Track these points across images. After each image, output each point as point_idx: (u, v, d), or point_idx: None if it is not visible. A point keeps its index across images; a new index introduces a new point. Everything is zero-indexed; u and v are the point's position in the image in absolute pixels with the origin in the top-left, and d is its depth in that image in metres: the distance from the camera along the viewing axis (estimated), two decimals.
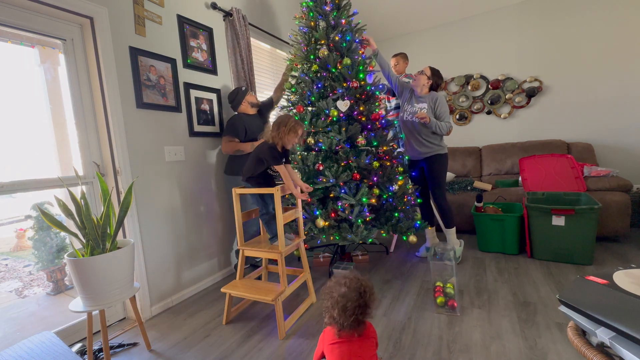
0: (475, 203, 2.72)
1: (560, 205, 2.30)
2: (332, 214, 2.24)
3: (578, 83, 3.44)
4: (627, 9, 3.16)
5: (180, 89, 2.24)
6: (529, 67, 3.66)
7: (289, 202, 2.40)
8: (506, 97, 3.79)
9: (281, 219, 1.76)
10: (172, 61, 2.18)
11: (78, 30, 1.79)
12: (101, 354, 1.59)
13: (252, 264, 2.58)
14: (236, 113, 2.47)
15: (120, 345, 1.68)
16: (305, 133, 2.04)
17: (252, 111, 2.49)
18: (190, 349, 1.64)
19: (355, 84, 2.34)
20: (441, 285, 1.89)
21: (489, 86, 3.88)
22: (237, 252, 2.50)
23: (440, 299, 1.81)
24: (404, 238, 2.32)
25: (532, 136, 3.70)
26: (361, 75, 2.38)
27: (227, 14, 2.58)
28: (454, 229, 2.53)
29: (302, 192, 1.89)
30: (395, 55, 3.25)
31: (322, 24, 2.44)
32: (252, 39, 2.90)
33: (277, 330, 1.71)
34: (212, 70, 2.51)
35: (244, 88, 2.45)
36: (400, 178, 2.40)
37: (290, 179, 1.83)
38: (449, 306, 1.79)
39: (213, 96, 2.51)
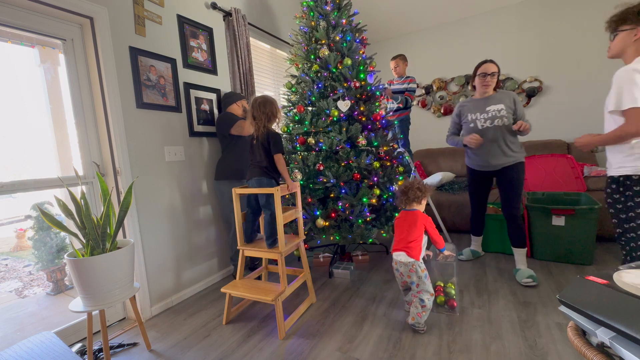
0: None
1: (560, 205, 2.30)
2: (333, 214, 2.24)
3: (578, 83, 3.44)
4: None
5: (180, 89, 2.24)
6: (529, 67, 3.66)
7: (288, 202, 2.40)
8: None
9: (281, 219, 1.76)
10: (172, 61, 2.18)
11: (78, 30, 1.79)
12: (101, 354, 1.59)
13: (250, 267, 2.57)
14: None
15: (120, 345, 1.68)
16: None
17: (240, 114, 2.43)
18: (190, 349, 1.64)
19: (355, 84, 2.34)
20: (442, 285, 1.89)
21: None
22: (232, 259, 2.49)
23: (440, 299, 1.81)
24: None
25: (532, 136, 3.70)
26: (362, 76, 2.38)
27: (227, 14, 2.58)
28: (525, 250, 2.16)
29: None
30: (394, 58, 3.25)
31: (322, 23, 2.44)
32: (252, 39, 2.90)
33: (277, 330, 1.71)
34: (212, 70, 2.51)
35: (242, 94, 2.50)
36: (400, 178, 2.40)
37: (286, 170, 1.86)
38: (449, 306, 1.78)
39: (213, 96, 2.50)
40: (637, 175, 1.36)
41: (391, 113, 3.23)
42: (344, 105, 2.29)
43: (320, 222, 2.18)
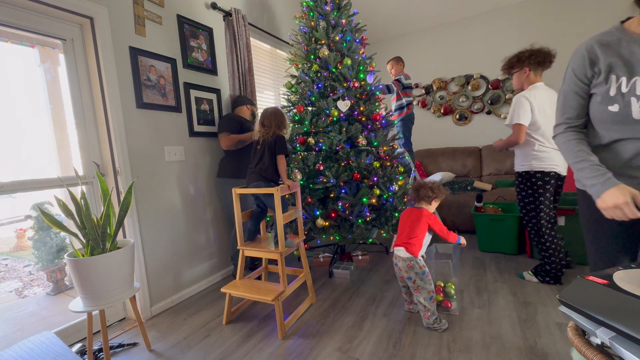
0: (475, 203, 2.72)
1: (560, 205, 2.29)
2: (332, 214, 2.24)
3: None
4: (626, 8, 3.16)
5: (180, 89, 2.24)
6: None
7: (288, 202, 2.40)
8: (506, 97, 3.78)
9: (281, 218, 1.76)
10: (172, 61, 2.18)
11: (78, 30, 1.79)
12: (101, 354, 1.59)
13: (250, 267, 2.57)
14: (231, 112, 2.49)
15: (120, 345, 1.68)
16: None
17: (248, 117, 2.50)
18: (190, 349, 1.64)
19: (355, 84, 2.34)
20: (442, 284, 1.89)
21: (489, 86, 3.88)
22: (232, 258, 2.49)
23: (438, 298, 1.81)
24: None
25: None
26: (361, 75, 2.38)
27: (227, 14, 2.58)
28: None
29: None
30: (388, 62, 3.34)
31: (322, 23, 2.44)
32: (252, 39, 2.90)
33: (277, 330, 1.71)
34: (212, 70, 2.51)
35: (254, 102, 2.57)
36: (400, 178, 2.40)
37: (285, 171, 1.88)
38: (443, 307, 1.78)
39: (213, 96, 2.50)
40: (533, 171, 1.89)
41: (391, 113, 3.22)
42: (343, 105, 2.29)
43: (320, 222, 2.18)
